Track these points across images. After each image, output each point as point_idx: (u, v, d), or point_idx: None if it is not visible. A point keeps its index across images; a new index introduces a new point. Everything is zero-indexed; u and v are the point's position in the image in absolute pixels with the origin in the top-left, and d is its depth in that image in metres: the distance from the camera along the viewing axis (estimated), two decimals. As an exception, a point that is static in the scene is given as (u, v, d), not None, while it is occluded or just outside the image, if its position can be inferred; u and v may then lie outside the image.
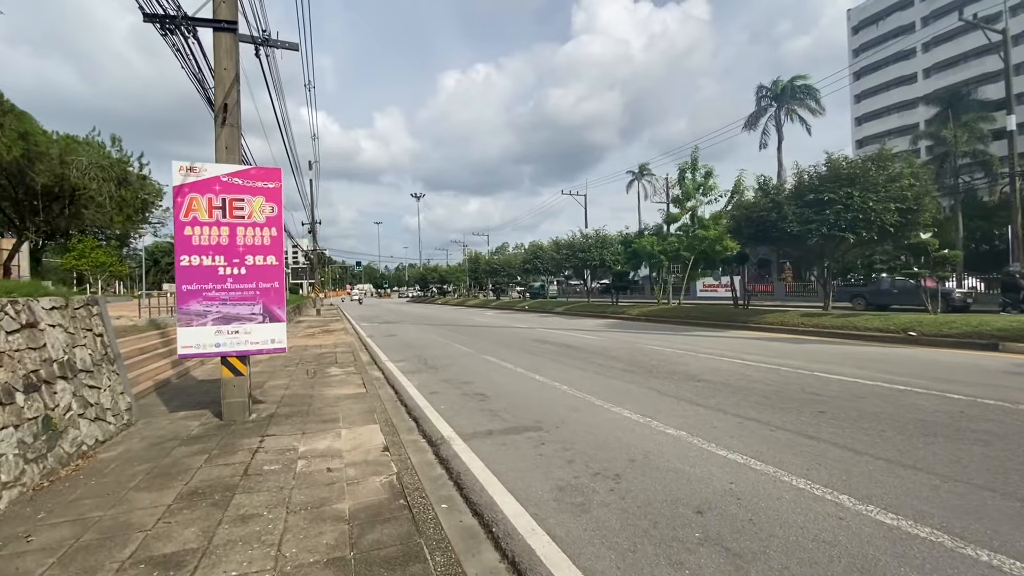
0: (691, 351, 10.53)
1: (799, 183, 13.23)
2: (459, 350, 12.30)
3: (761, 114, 36.76)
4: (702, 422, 5.24)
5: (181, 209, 5.45)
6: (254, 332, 5.72)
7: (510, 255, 50.85)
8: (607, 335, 14.46)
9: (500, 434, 5.12)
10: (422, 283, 74.55)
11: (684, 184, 19.25)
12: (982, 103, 45.87)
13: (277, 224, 5.84)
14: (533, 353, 11.00)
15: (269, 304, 5.77)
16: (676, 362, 9.15)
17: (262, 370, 9.41)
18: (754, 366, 8.53)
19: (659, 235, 21.23)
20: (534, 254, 33.56)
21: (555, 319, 22.82)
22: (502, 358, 10.46)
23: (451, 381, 8.22)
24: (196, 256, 5.49)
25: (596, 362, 9.42)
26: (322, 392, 7.32)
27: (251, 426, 5.50)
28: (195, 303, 5.50)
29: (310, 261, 51.27)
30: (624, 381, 7.54)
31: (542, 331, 16.64)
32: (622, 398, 6.41)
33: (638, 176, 47.81)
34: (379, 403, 6.59)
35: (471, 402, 6.61)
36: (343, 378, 8.53)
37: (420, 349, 12.92)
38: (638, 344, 12.02)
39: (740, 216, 14.54)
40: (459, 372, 9.06)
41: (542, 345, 12.49)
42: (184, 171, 5.48)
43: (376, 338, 16.64)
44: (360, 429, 5.30)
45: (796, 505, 3.27)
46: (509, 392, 7.10)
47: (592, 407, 6.03)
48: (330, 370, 9.43)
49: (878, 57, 58.05)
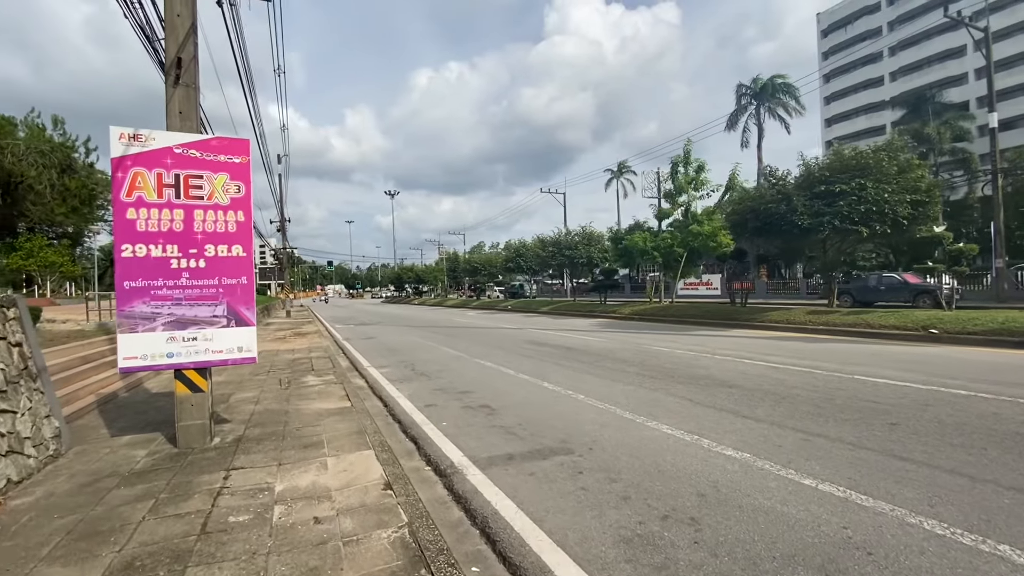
0: (705, 352, 9.83)
1: (808, 174, 12.73)
2: (448, 353, 11.33)
3: (741, 112, 36.85)
4: (762, 440, 4.45)
5: (122, 186, 4.37)
6: (216, 338, 4.67)
7: (490, 254, 49.77)
8: (605, 335, 13.70)
9: (523, 459, 4.23)
10: (397, 283, 72.79)
11: (676, 178, 18.71)
12: (946, 106, 47.31)
13: (245, 207, 4.80)
14: (532, 356, 10.12)
15: (235, 304, 4.73)
16: (694, 365, 8.41)
17: (227, 380, 8.27)
18: (784, 368, 7.84)
19: (652, 231, 20.66)
20: (517, 252, 32.69)
21: (543, 319, 22.02)
22: (499, 362, 9.55)
23: (447, 390, 7.27)
24: (142, 245, 4.41)
25: (605, 366, 8.61)
26: (299, 407, 6.27)
27: (213, 455, 4.45)
28: (141, 304, 4.42)
29: (279, 261, 49.16)
30: (646, 388, 6.73)
31: (533, 332, 15.79)
32: (653, 409, 5.60)
33: (617, 174, 47.54)
34: (368, 420, 5.61)
35: (477, 417, 5.69)
36: (322, 389, 7.48)
37: (404, 353, 11.89)
38: (643, 345, 11.28)
39: (744, 209, 13.95)
40: (454, 379, 8.12)
41: (539, 347, 11.63)
42: (126, 139, 4.40)
43: (354, 341, 15.49)
44: (350, 457, 4.32)
45: (955, 563, 2.48)
46: (518, 403, 6.20)
47: (623, 422, 5.19)
48: (307, 379, 8.35)
49: (847, 60, 59.38)
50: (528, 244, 32.31)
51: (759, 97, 35.70)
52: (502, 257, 39.15)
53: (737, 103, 36.93)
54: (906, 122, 49.52)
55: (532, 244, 31.20)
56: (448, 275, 50.42)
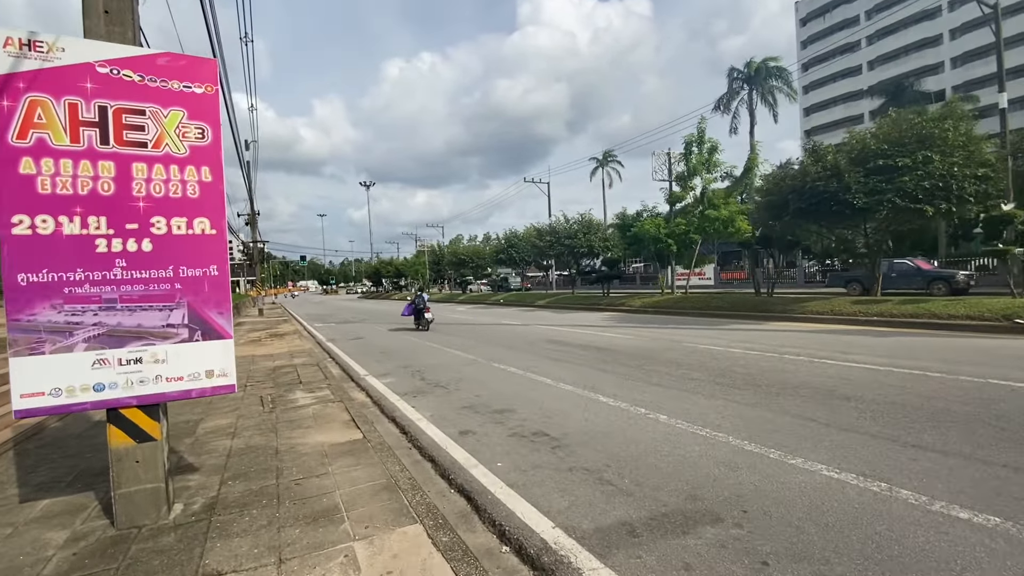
0: (766, 350, 8.52)
1: (862, 147, 11.56)
2: (456, 357, 9.81)
3: (733, 96, 36.00)
4: (993, 491, 3.12)
5: (11, 124, 2.75)
6: (173, 359, 3.09)
7: (476, 245, 47.71)
8: (629, 331, 12.29)
9: (654, 534, 2.81)
10: (375, 278, 70.18)
11: (690, 159, 17.44)
12: (923, 94, 47.70)
13: (212, 161, 3.22)
14: (561, 360, 8.68)
15: (201, 307, 3.16)
16: (772, 368, 7.01)
17: (192, 401, 6.60)
18: (886, 371, 6.52)
19: (663, 216, 19.35)
20: (509, 243, 30.98)
21: (545, 314, 20.53)
22: (524, 367, 8.10)
23: (478, 409, 5.79)
24: (47, 217, 2.81)
25: (658, 371, 7.23)
26: (294, 441, 4.71)
27: (170, 540, 2.89)
28: (48, 309, 2.82)
29: (249, 256, 46.26)
30: (739, 403, 5.38)
31: (543, 328, 14.32)
32: (777, 437, 4.24)
33: (602, 163, 46.29)
34: (393, 462, 4.10)
35: (539, 452, 4.24)
36: (318, 410, 5.91)
37: (404, 356, 10.32)
38: (684, 342, 9.92)
39: (785, 188, 12.70)
40: (480, 392, 6.64)
41: (562, 347, 10.20)
42: (16, 47, 2.76)
43: (340, 342, 13.80)
44: (389, 540, 2.83)
45: None
46: (586, 430, 4.76)
47: (754, 459, 3.81)
48: (295, 396, 6.75)
49: (825, 49, 59.46)
50: (520, 234, 30.71)
51: (752, 81, 34.88)
52: (492, 248, 37.27)
53: (729, 87, 36.07)
54: (885, 111, 49.83)
55: (526, 233, 29.60)
56: (431, 268, 48.27)
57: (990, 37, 49.85)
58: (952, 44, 51.11)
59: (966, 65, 49.48)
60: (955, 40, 50.56)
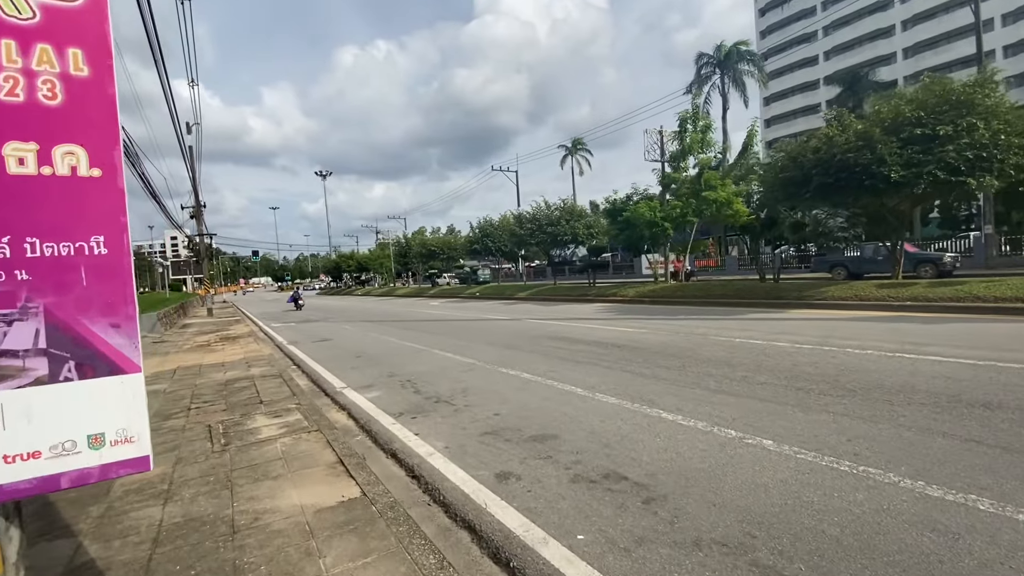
0: (818, 343, 7.36)
1: (896, 114, 10.63)
2: (450, 360, 8.38)
3: (704, 82, 35.50)
4: None
5: None
6: (16, 420, 1.58)
7: (447, 236, 45.49)
8: (641, 325, 10.98)
9: None
10: (335, 272, 66.91)
11: (684, 138, 16.42)
12: (878, 84, 49.02)
13: (92, 39, 1.69)
14: (581, 361, 7.37)
15: (72, 316, 1.65)
16: (855, 368, 5.81)
17: None
18: (976, 365, 5.58)
19: (656, 200, 18.23)
20: (484, 232, 29.30)
21: (530, 306, 19.08)
22: (539, 372, 6.77)
23: (506, 434, 4.43)
24: None
25: (713, 374, 5.98)
26: (259, 505, 3.22)
27: None
28: None
29: (195, 252, 42.69)
30: (855, 419, 4.16)
31: (537, 323, 12.96)
32: (986, 478, 3.08)
33: (572, 151, 45.22)
34: (414, 537, 2.69)
35: (632, 512, 2.92)
36: (289, 444, 4.39)
37: (384, 361, 8.82)
38: (715, 336, 8.71)
39: (808, 163, 11.71)
40: (496, 407, 5.27)
41: (571, 345, 8.89)
42: None
43: (304, 345, 12.08)
44: None
45: None
46: (676, 466, 3.47)
47: (960, 512, 2.62)
48: (255, 421, 5.19)
49: (783, 39, 60.37)
50: (496, 223, 29.06)
51: (723, 65, 34.46)
52: (465, 238, 35.32)
53: (697, 74, 35.57)
54: (842, 100, 50.99)
55: (503, 222, 27.99)
56: (397, 261, 45.87)
57: (940, 28, 51.55)
58: (904, 35, 52.75)
59: (917, 56, 51.14)
60: (907, 31, 52.16)
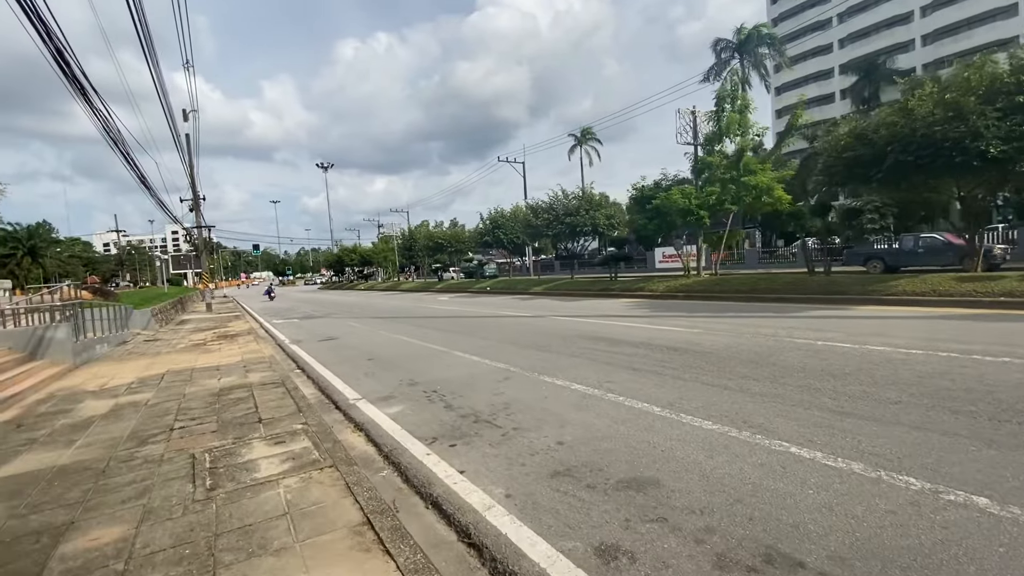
0: (931, 348, 6.17)
1: (992, 81, 9.37)
2: (478, 365, 7.25)
3: (723, 67, 34.10)
4: None
5: None
6: None
7: (455, 229, 44.00)
8: (694, 324, 9.71)
9: None
10: (338, 267, 65.63)
11: (721, 118, 15.14)
12: (897, 72, 47.58)
13: None
14: (636, 368, 6.23)
15: None
16: (1017, 382, 4.69)
17: (71, 462, 3.89)
18: None
19: (691, 186, 16.84)
20: (495, 223, 27.99)
21: (550, 302, 17.89)
22: (592, 382, 5.64)
23: (583, 476, 3.32)
24: None
25: (822, 389, 4.75)
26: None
27: None
28: None
29: (195, 246, 41.52)
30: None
31: (565, 321, 11.74)
32: None
33: (580, 141, 43.80)
34: None
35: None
36: (297, 491, 3.28)
37: (402, 365, 7.71)
38: (788, 338, 7.48)
39: (881, 139, 10.39)
40: (555, 432, 4.16)
41: (616, 348, 7.71)
42: None
43: (308, 344, 10.99)
44: None
45: None
46: (876, 548, 2.35)
47: None
48: (252, 451, 4.07)
49: (796, 27, 58.72)
50: (507, 214, 27.73)
51: (742, 49, 33.04)
52: (474, 231, 33.84)
53: (717, 58, 34.13)
54: (858, 89, 49.51)
55: (515, 212, 26.66)
56: (402, 254, 44.41)
57: (961, 14, 49.98)
58: (923, 21, 51.11)
59: (937, 43, 49.56)
60: (926, 17, 50.55)
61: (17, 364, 8.12)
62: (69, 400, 6.40)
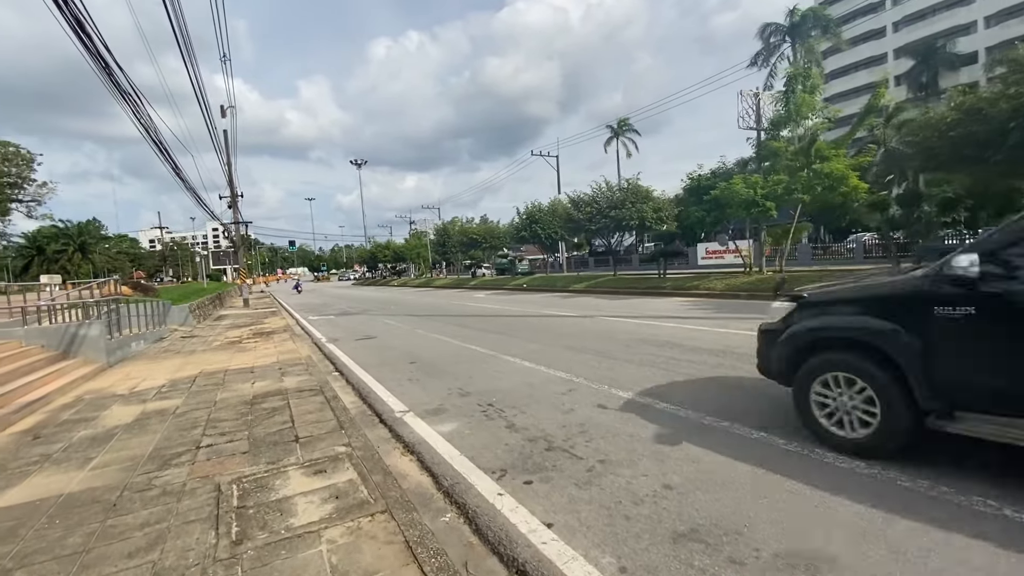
0: None
1: None
2: (532, 373, 6.45)
3: (772, 52, 32.23)
4: None
5: None
6: None
7: (489, 224, 43.31)
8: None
9: None
10: (371, 262, 65.94)
11: (791, 100, 13.82)
12: (957, 56, 44.41)
13: None
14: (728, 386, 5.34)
15: None
16: None
17: (61, 492, 3.25)
18: None
19: (754, 175, 15.54)
20: (531, 218, 27.02)
21: (594, 300, 16.88)
22: (677, 401, 4.77)
23: (723, 547, 2.48)
24: None
25: None
26: None
27: None
28: None
29: (233, 243, 42.14)
30: None
31: (619, 322, 10.76)
32: None
33: (617, 132, 42.37)
34: None
35: None
36: (344, 552, 2.54)
37: (446, 370, 6.98)
38: None
39: (999, 115, 8.82)
40: (658, 471, 3.32)
41: (694, 356, 6.82)
42: None
43: (346, 344, 10.41)
44: None
45: None
46: None
47: None
48: (288, 482, 3.38)
49: (846, 11, 55.51)
50: (544, 208, 26.71)
51: (794, 32, 31.06)
52: (510, 226, 32.94)
53: (766, 43, 32.19)
54: (914, 74, 46.41)
55: (552, 206, 25.65)
56: (435, 250, 43.94)
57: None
58: (985, 1, 47.49)
59: (1002, 24, 45.95)
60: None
61: (48, 363, 7.77)
62: (95, 406, 5.91)
